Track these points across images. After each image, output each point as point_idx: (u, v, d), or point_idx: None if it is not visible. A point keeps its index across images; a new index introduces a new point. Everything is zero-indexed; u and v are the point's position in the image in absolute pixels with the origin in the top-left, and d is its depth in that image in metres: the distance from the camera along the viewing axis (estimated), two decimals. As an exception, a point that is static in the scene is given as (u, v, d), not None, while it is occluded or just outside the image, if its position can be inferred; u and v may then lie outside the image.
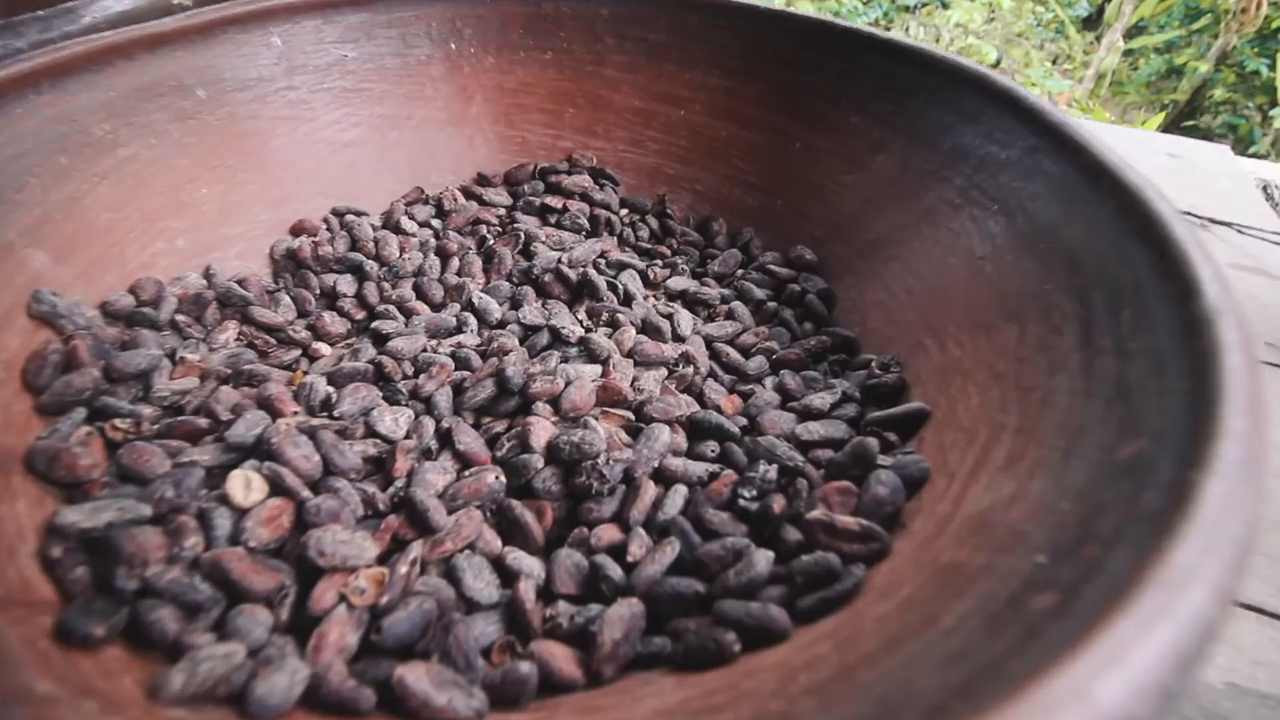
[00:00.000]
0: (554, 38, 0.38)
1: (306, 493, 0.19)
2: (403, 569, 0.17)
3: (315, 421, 0.21)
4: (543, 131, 0.39)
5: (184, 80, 0.30)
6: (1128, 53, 2.61)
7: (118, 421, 0.21)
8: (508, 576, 0.18)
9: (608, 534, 0.20)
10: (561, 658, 0.16)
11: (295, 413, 0.22)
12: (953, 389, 0.22)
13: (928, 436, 0.22)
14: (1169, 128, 2.21)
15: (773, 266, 0.32)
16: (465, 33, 0.37)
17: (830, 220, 0.32)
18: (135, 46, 0.28)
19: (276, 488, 0.19)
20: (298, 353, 0.28)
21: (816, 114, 0.33)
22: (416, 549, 0.18)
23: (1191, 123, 2.35)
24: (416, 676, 0.14)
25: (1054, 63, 2.91)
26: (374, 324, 0.29)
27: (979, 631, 0.12)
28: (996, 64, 2.85)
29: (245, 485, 0.18)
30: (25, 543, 0.17)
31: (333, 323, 0.29)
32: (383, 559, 0.18)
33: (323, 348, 0.28)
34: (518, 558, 0.19)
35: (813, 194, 0.33)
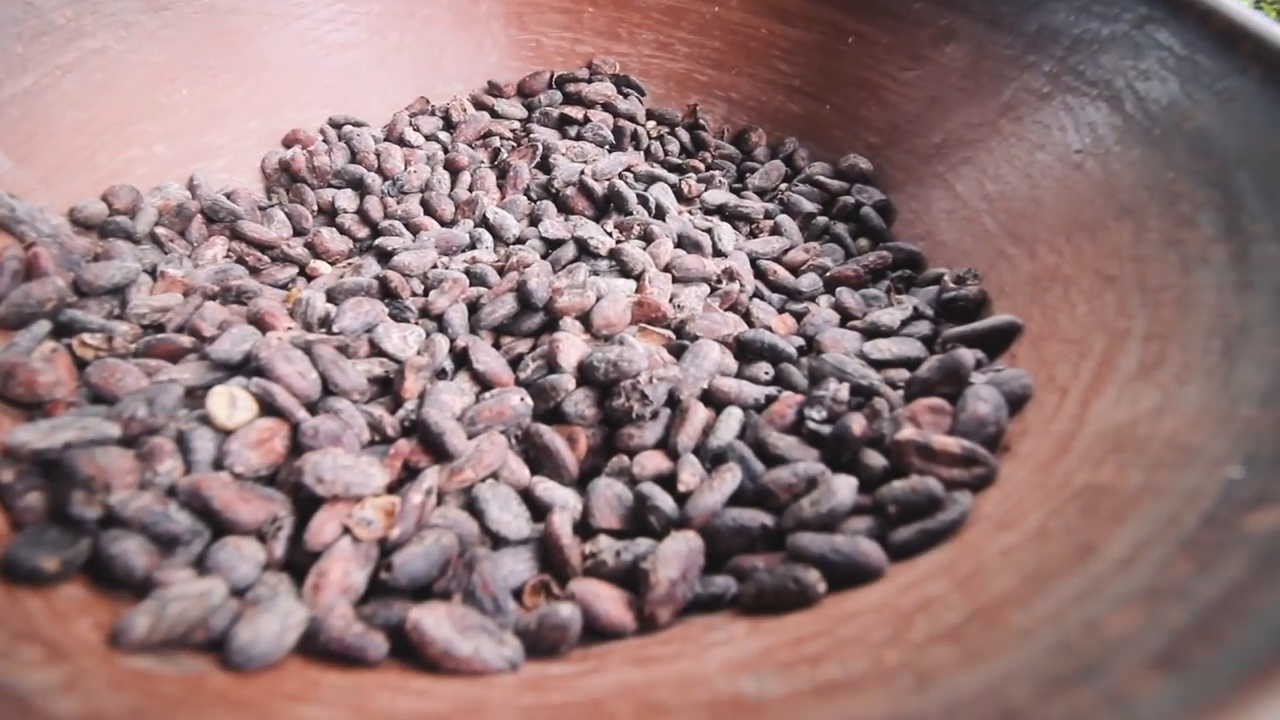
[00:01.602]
0: (571, -76, 0.34)
1: (302, 413, 0.16)
2: (416, 498, 0.15)
3: (311, 336, 0.18)
4: (559, 34, 0.35)
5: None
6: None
7: (86, 337, 0.18)
8: (538, 509, 0.16)
9: (652, 462, 0.17)
10: (607, 599, 0.13)
11: (289, 328, 0.19)
12: (1050, 298, 0.19)
13: (1021, 352, 0.18)
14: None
15: (822, 178, 0.28)
16: (471, -81, 0.33)
17: (888, 124, 0.28)
18: (95, -81, 0.25)
19: (267, 407, 0.16)
20: (294, 271, 0.25)
21: (873, 2, 0.29)
22: (432, 476, 0.15)
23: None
24: (436, 620, 0.12)
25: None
26: (378, 240, 0.26)
27: (1177, 561, 0.09)
28: None
29: (230, 403, 0.15)
30: (-28, 467, 0.14)
31: (332, 240, 0.26)
32: (393, 489, 0.16)
33: (322, 266, 0.25)
34: (549, 488, 0.16)
35: (868, 95, 0.29)
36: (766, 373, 0.20)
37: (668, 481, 0.16)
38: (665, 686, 0.10)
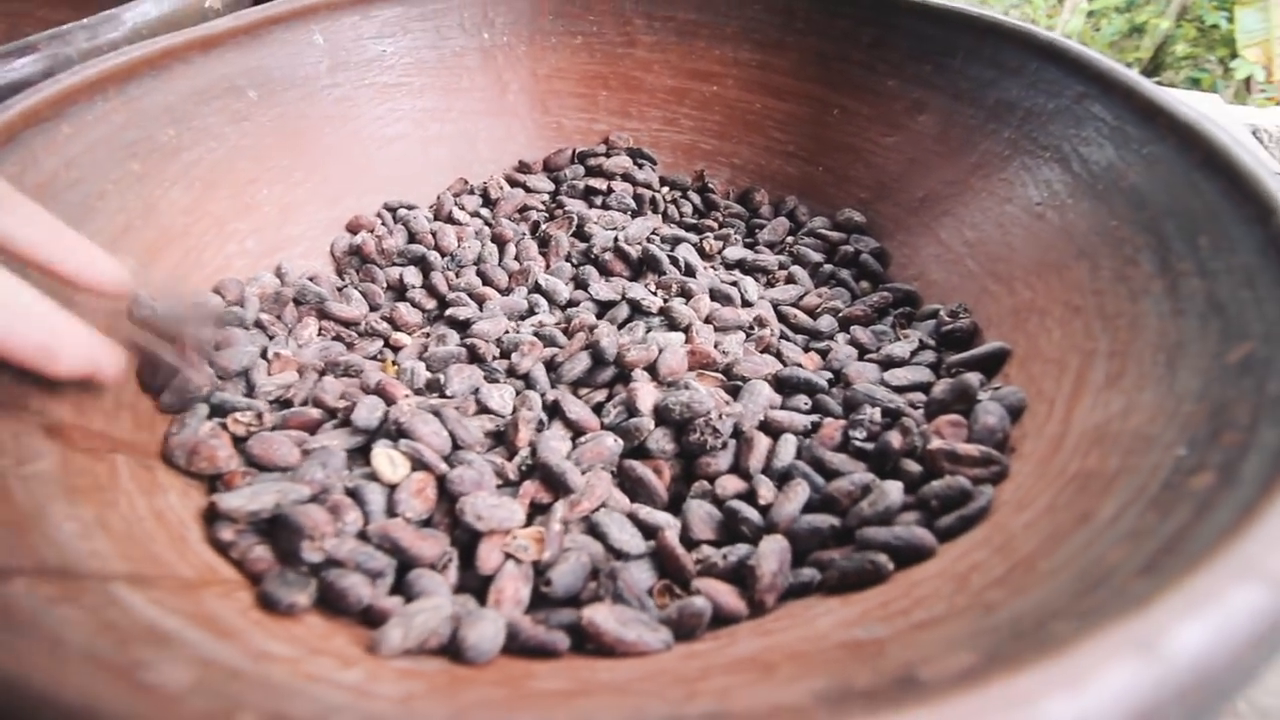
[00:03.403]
0: (584, 21, 0.38)
1: (444, 466, 0.19)
2: (556, 526, 0.18)
3: (434, 401, 0.22)
4: (578, 115, 0.39)
5: (236, 82, 0.30)
6: (1089, 14, 2.67)
7: (238, 415, 0.22)
8: (645, 529, 0.19)
9: (730, 484, 0.21)
10: (725, 592, 0.17)
11: (406, 395, 0.23)
12: (1029, 326, 0.24)
13: (1013, 372, 0.23)
14: (1137, 85, 2.24)
15: (822, 230, 0.33)
16: (497, 22, 0.38)
17: (875, 182, 0.33)
18: (190, 50, 0.29)
19: (417, 463, 0.19)
20: (379, 343, 0.28)
21: (852, 80, 0.34)
22: (561, 509, 0.19)
23: (1155, 79, 2.39)
24: (604, 616, 0.15)
25: (1020, 28, 2.94)
26: (448, 311, 0.29)
27: (1147, 514, 0.13)
28: None
29: (390, 462, 0.19)
30: (190, 530, 0.17)
31: (408, 313, 0.30)
32: (527, 521, 0.19)
33: (402, 337, 0.29)
34: (650, 512, 0.20)
35: (854, 158, 0.34)
36: (805, 403, 0.24)
37: (746, 498, 0.20)
38: (796, 643, 0.14)
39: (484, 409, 0.23)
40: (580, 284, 0.31)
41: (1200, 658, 0.09)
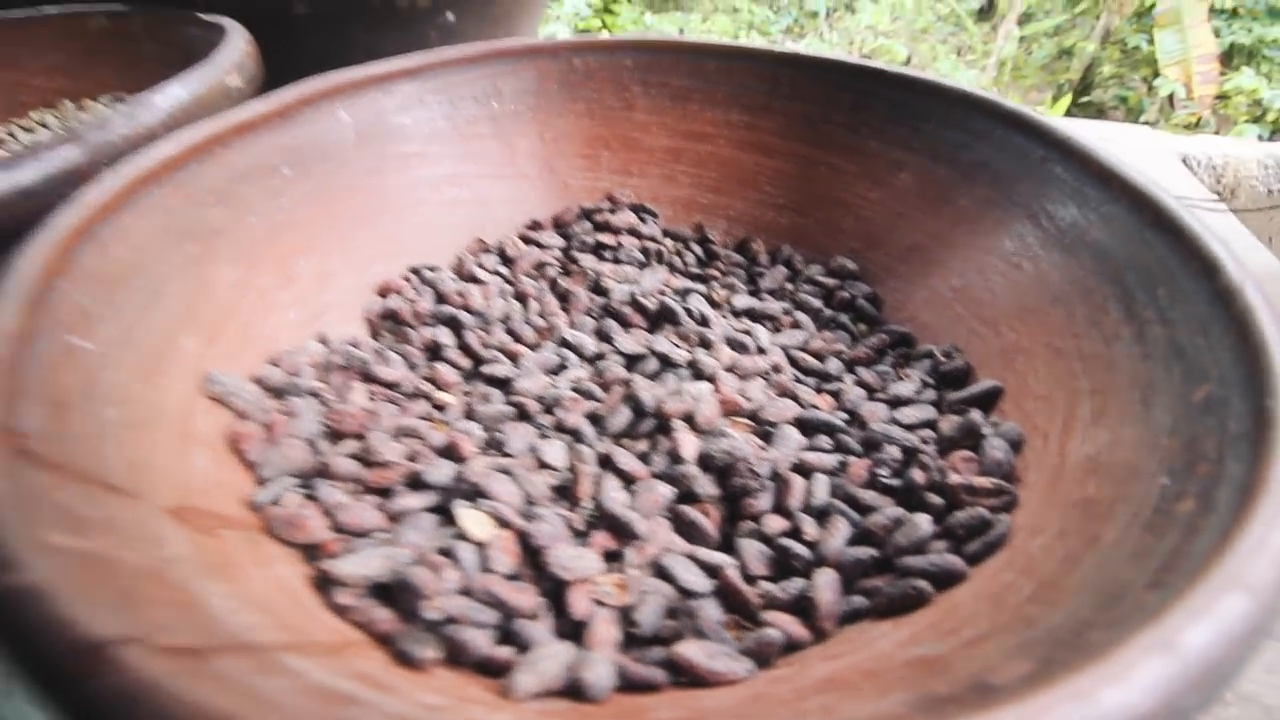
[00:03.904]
0: (585, 89, 0.41)
1: (522, 521, 0.22)
2: (634, 571, 0.20)
3: (501, 460, 0.24)
4: (582, 175, 0.42)
5: (271, 160, 0.32)
6: (1021, 39, 2.85)
7: (325, 485, 0.23)
8: (707, 569, 0.22)
9: (775, 522, 0.23)
10: (790, 622, 0.19)
11: (474, 454, 0.25)
12: (1018, 366, 0.27)
13: (1008, 408, 0.26)
14: (1071, 108, 2.41)
15: (819, 277, 0.36)
16: (505, 91, 0.40)
17: (864, 232, 0.37)
18: (230, 134, 0.30)
19: (500, 521, 0.21)
20: (425, 403, 0.30)
21: (836, 141, 0.38)
22: (632, 555, 0.21)
23: (1087, 99, 2.57)
24: (694, 651, 0.18)
25: (959, 54, 3.13)
26: (484, 369, 0.31)
27: (1145, 536, 0.16)
28: (907, 60, 3.05)
29: (477, 522, 0.21)
30: (307, 596, 0.19)
31: (447, 372, 0.32)
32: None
33: (445, 396, 0.31)
34: (708, 553, 0.22)
35: (843, 210, 0.38)
36: (828, 443, 0.27)
37: (791, 535, 0.23)
38: (866, 663, 0.16)
39: (543, 464, 0.25)
40: (603, 337, 0.34)
41: (1206, 653, 0.12)
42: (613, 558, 0.22)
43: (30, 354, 0.19)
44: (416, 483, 0.23)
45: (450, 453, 0.25)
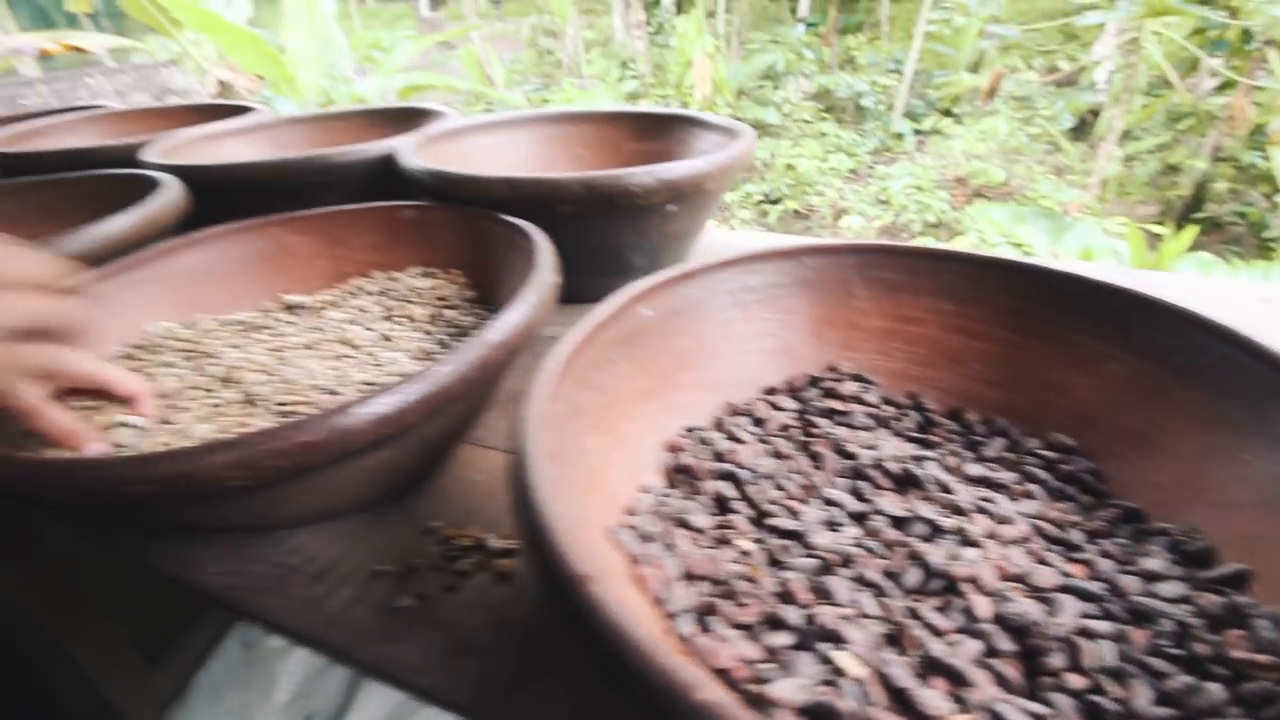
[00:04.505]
0: (813, 281, 0.51)
1: (876, 662, 0.28)
2: (976, 714, 0.26)
3: (842, 611, 0.31)
4: (808, 348, 0.51)
5: (608, 353, 0.42)
6: (1127, 159, 2.90)
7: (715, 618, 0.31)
8: (1034, 717, 0.27)
9: (1076, 680, 0.28)
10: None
11: (806, 603, 0.32)
12: (1261, 552, 0.32)
13: (1258, 590, 0.31)
14: (1184, 220, 2.40)
15: (1040, 450, 0.42)
16: (750, 284, 0.50)
17: (1076, 412, 0.43)
18: (592, 335, 0.41)
19: (860, 663, 0.28)
20: (732, 549, 0.38)
21: (1042, 332, 0.45)
22: (973, 699, 0.27)
23: (1198, 213, 2.55)
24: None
25: (1058, 174, 3.20)
26: (770, 521, 0.39)
27: None
28: (1004, 183, 3.13)
29: (853, 662, 0.28)
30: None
31: (741, 523, 0.39)
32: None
33: (744, 543, 0.38)
34: (1024, 703, 0.28)
35: (1053, 391, 0.44)
36: (1096, 610, 0.32)
37: (1092, 692, 0.28)
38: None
39: (864, 614, 0.31)
40: (859, 496, 0.41)
41: None
42: (956, 700, 0.28)
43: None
44: (774, 622, 0.30)
45: (788, 598, 0.32)
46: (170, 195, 0.66)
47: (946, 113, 4.66)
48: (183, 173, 0.76)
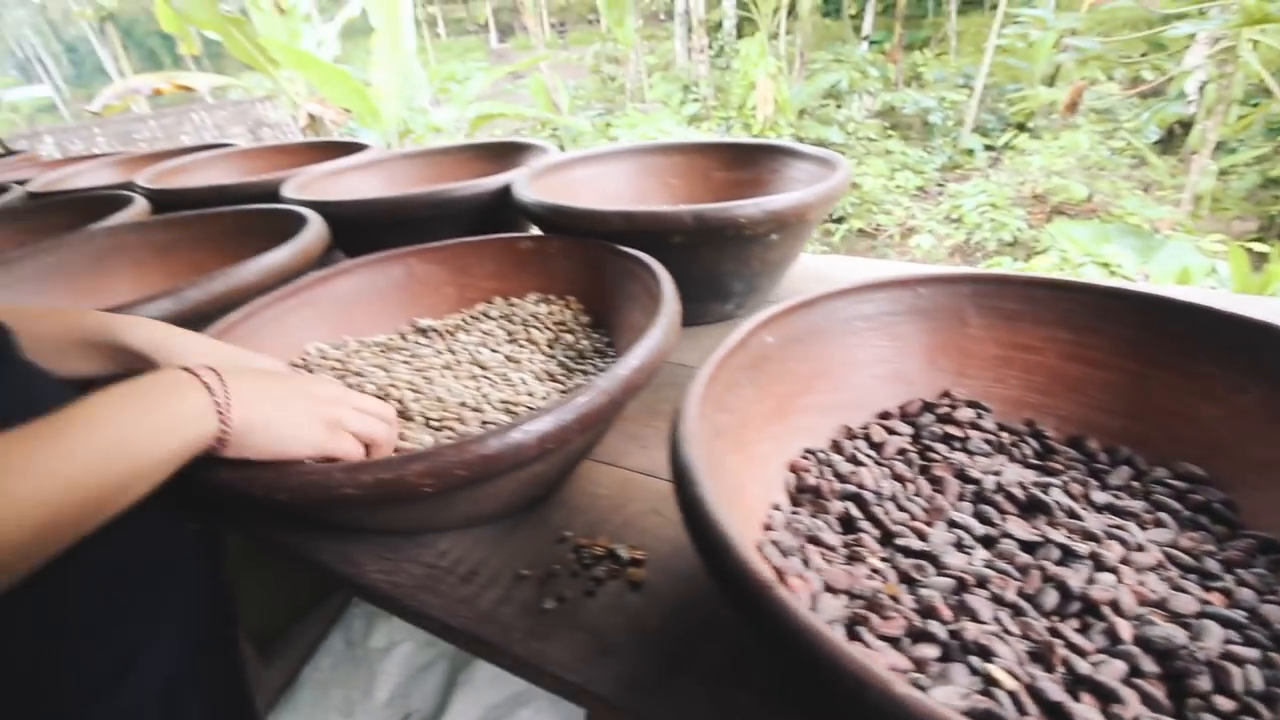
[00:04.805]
0: (927, 309, 0.53)
1: (1025, 676, 0.30)
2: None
3: (985, 626, 0.33)
4: (921, 374, 0.53)
5: (735, 377, 0.45)
6: (1222, 173, 2.75)
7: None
8: (1181, 734, 0.28)
9: (1224, 702, 0.29)
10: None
11: (949, 620, 0.33)
12: None
13: None
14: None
15: (1169, 480, 0.43)
16: (865, 312, 0.53)
17: (1206, 442, 0.43)
18: (725, 360, 0.44)
19: (1012, 676, 0.30)
20: (864, 565, 0.40)
21: (1166, 362, 0.46)
22: (1125, 715, 0.28)
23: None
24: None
25: (1145, 190, 3.06)
26: (899, 541, 0.41)
27: None
28: (1088, 199, 3.02)
29: (1006, 675, 0.29)
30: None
31: (869, 542, 0.41)
32: None
33: (876, 561, 0.40)
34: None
35: (1178, 420, 0.45)
36: (1237, 637, 0.33)
37: (1243, 714, 0.29)
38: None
39: (1007, 631, 0.33)
40: (983, 519, 0.42)
41: None
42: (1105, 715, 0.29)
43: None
44: (919, 635, 0.33)
45: (930, 613, 0.34)
46: (317, 229, 0.74)
47: (1020, 127, 4.53)
48: (321, 208, 0.84)
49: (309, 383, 0.45)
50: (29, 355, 0.44)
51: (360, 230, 0.86)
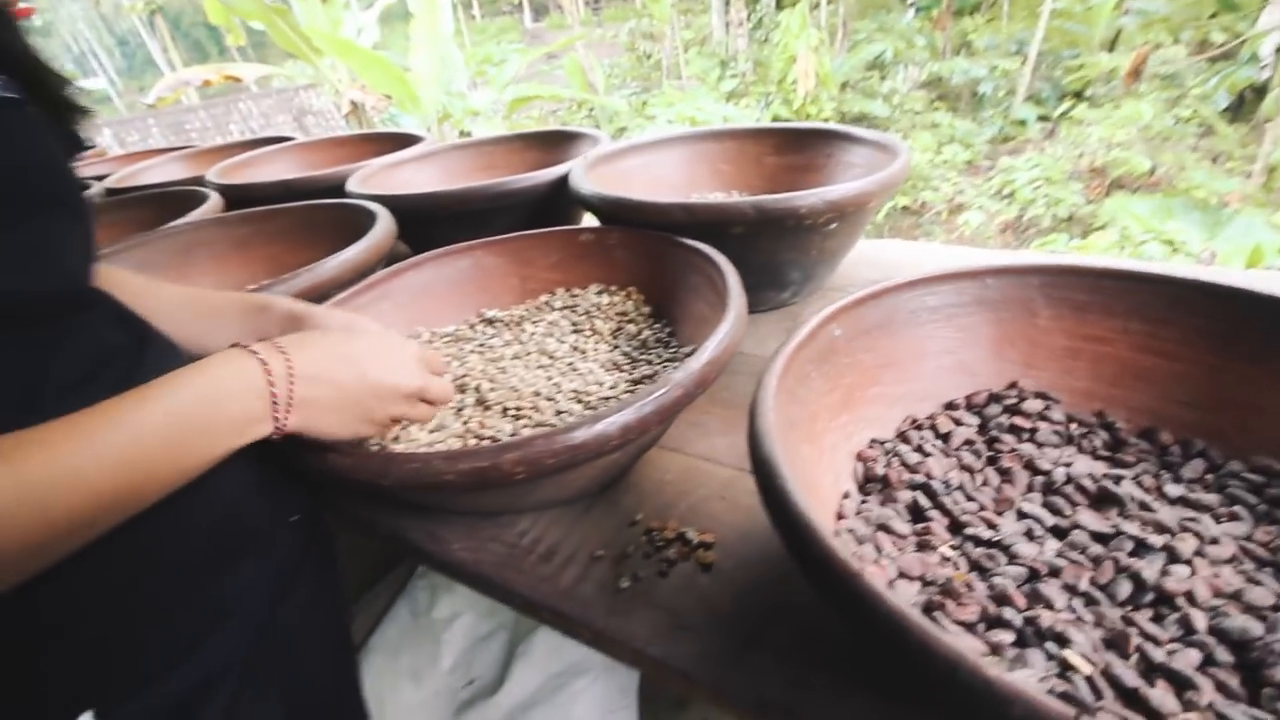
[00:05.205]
0: (994, 300, 0.53)
1: (1099, 664, 0.31)
2: (1205, 714, 0.29)
3: (1058, 614, 0.34)
4: (987, 365, 0.53)
5: (805, 369, 0.47)
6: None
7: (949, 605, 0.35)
8: (1258, 722, 0.29)
9: (1302, 693, 0.30)
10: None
11: (1023, 607, 0.35)
12: None
13: None
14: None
15: (1245, 474, 0.43)
16: (930, 304, 0.53)
17: (1284, 437, 0.43)
18: (794, 353, 0.45)
19: (1088, 661, 0.31)
20: (935, 554, 0.41)
21: (1244, 353, 0.45)
22: (1200, 700, 0.30)
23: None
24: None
25: (1214, 161, 2.90)
26: (968, 530, 0.42)
27: None
28: (1151, 172, 2.89)
29: (1083, 661, 0.31)
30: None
31: (938, 530, 0.43)
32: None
33: (945, 549, 0.42)
34: (1245, 709, 0.30)
35: (1254, 413, 0.44)
36: (1317, 630, 0.33)
37: (1325, 706, 0.30)
38: None
39: (1080, 619, 0.34)
40: (1053, 510, 0.43)
41: None
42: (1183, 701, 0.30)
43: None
44: (994, 621, 0.34)
45: (1004, 600, 0.35)
46: (386, 224, 0.77)
47: (1078, 96, 4.33)
48: (386, 201, 0.87)
49: (389, 372, 0.46)
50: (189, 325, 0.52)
51: (421, 223, 0.90)
